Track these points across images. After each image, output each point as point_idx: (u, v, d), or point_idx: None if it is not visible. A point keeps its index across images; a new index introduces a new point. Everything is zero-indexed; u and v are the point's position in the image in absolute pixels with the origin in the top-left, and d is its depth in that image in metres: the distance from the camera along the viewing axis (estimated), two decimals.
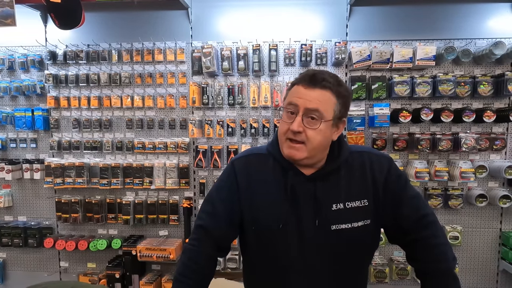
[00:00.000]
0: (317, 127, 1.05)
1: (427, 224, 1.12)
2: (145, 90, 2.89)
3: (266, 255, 1.16)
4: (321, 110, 1.04)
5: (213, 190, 1.22)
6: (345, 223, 1.10)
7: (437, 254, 1.09)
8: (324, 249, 1.11)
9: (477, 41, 2.66)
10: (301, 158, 1.08)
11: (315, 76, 1.06)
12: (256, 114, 2.84)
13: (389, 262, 2.80)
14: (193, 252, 1.16)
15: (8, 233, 2.97)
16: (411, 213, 1.13)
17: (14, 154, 3.03)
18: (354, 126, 2.71)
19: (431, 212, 1.15)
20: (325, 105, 1.05)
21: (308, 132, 1.05)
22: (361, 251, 1.17)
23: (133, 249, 2.77)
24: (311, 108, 1.04)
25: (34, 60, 2.90)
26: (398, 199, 1.14)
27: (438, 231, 1.13)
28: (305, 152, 1.07)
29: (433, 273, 1.09)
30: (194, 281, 1.13)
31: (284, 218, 1.11)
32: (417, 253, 1.13)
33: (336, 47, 2.63)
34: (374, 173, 1.14)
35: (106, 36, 2.88)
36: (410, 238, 1.13)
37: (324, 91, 1.06)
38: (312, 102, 1.04)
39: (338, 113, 1.09)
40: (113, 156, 2.96)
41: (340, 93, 1.08)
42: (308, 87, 1.06)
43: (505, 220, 2.77)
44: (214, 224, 1.16)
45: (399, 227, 1.14)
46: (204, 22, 2.84)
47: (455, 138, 2.61)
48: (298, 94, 1.07)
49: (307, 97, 1.05)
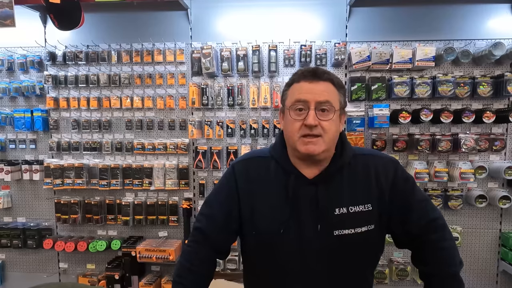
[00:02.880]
0: (331, 117, 1.05)
1: (437, 228, 1.11)
2: (145, 91, 2.89)
3: (266, 259, 1.15)
4: (331, 100, 1.06)
5: (212, 193, 1.22)
6: (348, 229, 1.07)
7: (445, 257, 1.08)
8: (326, 254, 1.08)
9: (477, 42, 2.67)
10: (320, 151, 1.06)
11: (317, 70, 1.09)
12: (256, 115, 2.84)
13: (388, 263, 2.79)
14: (191, 254, 1.16)
15: (7, 234, 2.96)
16: (420, 218, 1.10)
17: (13, 155, 3.03)
18: (353, 127, 2.71)
19: (440, 215, 1.13)
20: (333, 96, 1.07)
21: (323, 124, 1.04)
22: (364, 258, 1.14)
23: (132, 250, 2.76)
24: (322, 101, 1.05)
25: (34, 61, 2.89)
26: (406, 204, 1.11)
27: (447, 234, 1.11)
28: (323, 144, 1.05)
29: (439, 276, 1.07)
30: (192, 282, 1.12)
31: (285, 223, 1.09)
32: (425, 255, 1.11)
33: (336, 48, 2.63)
34: (379, 178, 1.11)
35: (106, 37, 2.88)
36: (418, 242, 1.11)
37: (328, 83, 1.08)
38: (321, 95, 1.05)
39: (343, 103, 1.11)
40: (112, 157, 2.96)
41: (339, 84, 1.11)
42: (312, 81, 1.07)
43: (505, 221, 2.77)
44: (212, 227, 1.16)
45: (408, 232, 1.12)
46: (204, 23, 2.84)
47: (454, 139, 2.61)
48: (304, 90, 1.06)
49: (315, 91, 1.05)
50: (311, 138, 1.05)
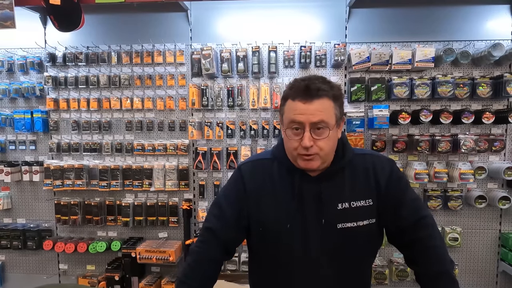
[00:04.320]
0: (327, 136, 1.06)
1: (425, 225, 1.15)
2: (145, 92, 2.89)
3: (273, 254, 1.19)
4: (325, 119, 1.05)
5: (221, 194, 1.25)
6: (350, 222, 1.12)
7: (435, 255, 1.11)
8: (330, 247, 1.13)
9: (476, 43, 2.67)
10: (317, 167, 1.11)
11: (309, 87, 1.05)
12: (256, 116, 2.84)
13: (388, 263, 2.79)
14: (200, 254, 1.18)
15: (7, 236, 2.96)
16: (410, 214, 1.15)
17: (13, 156, 3.03)
18: (353, 127, 2.71)
19: (429, 214, 1.17)
20: (328, 113, 1.06)
21: (319, 143, 1.06)
22: (365, 250, 1.19)
23: (132, 251, 2.76)
24: (316, 121, 1.05)
25: (34, 62, 2.90)
26: (398, 200, 1.16)
27: (435, 233, 1.15)
28: (319, 160, 1.09)
29: (431, 275, 1.10)
30: (198, 283, 1.14)
31: (291, 218, 1.13)
32: (415, 255, 1.15)
33: (335, 49, 2.63)
34: (377, 175, 1.17)
35: (106, 38, 2.88)
36: (408, 239, 1.15)
37: (322, 99, 1.06)
38: (315, 116, 1.05)
39: (339, 114, 1.10)
40: (112, 158, 2.96)
41: (335, 96, 1.09)
42: (306, 101, 1.05)
43: (505, 221, 2.77)
44: (222, 226, 1.18)
45: (398, 227, 1.17)
46: (204, 24, 2.84)
47: (454, 140, 2.61)
48: (298, 111, 1.06)
49: (309, 112, 1.05)
50: (308, 157, 1.09)
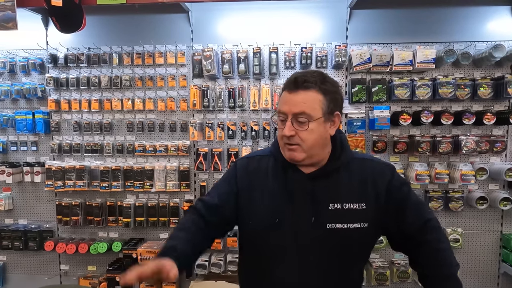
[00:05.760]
0: (307, 128, 1.08)
1: (431, 229, 1.14)
2: (146, 93, 2.90)
3: (261, 248, 1.19)
4: (307, 111, 1.07)
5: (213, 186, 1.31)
6: (341, 223, 1.12)
7: (441, 258, 1.11)
8: (318, 246, 1.13)
9: (477, 44, 2.67)
10: (300, 159, 1.12)
11: (297, 79, 1.09)
12: (257, 117, 2.84)
13: (389, 264, 2.79)
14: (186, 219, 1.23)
15: (9, 236, 2.96)
16: (415, 219, 1.14)
17: (15, 157, 3.03)
18: (354, 128, 2.71)
19: (434, 217, 1.17)
20: (311, 105, 1.08)
21: (300, 134, 1.09)
22: (354, 253, 1.18)
23: (133, 252, 2.76)
24: (297, 112, 1.08)
25: (35, 63, 2.90)
26: (401, 207, 1.15)
27: (442, 236, 1.15)
28: (303, 152, 1.11)
29: (436, 277, 1.09)
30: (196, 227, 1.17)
31: (280, 213, 1.14)
32: (421, 257, 1.14)
33: (336, 50, 2.63)
34: (375, 180, 1.16)
35: (107, 39, 2.89)
36: (416, 242, 1.14)
37: (308, 91, 1.08)
38: (297, 106, 1.08)
39: (327, 109, 1.11)
40: (113, 159, 2.97)
41: (325, 89, 1.10)
42: (291, 91, 1.10)
43: (506, 223, 2.76)
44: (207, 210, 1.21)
45: (403, 234, 1.16)
46: (205, 25, 2.85)
47: (455, 141, 2.61)
48: (283, 101, 1.12)
49: (292, 102, 1.09)
50: (290, 146, 1.11)
